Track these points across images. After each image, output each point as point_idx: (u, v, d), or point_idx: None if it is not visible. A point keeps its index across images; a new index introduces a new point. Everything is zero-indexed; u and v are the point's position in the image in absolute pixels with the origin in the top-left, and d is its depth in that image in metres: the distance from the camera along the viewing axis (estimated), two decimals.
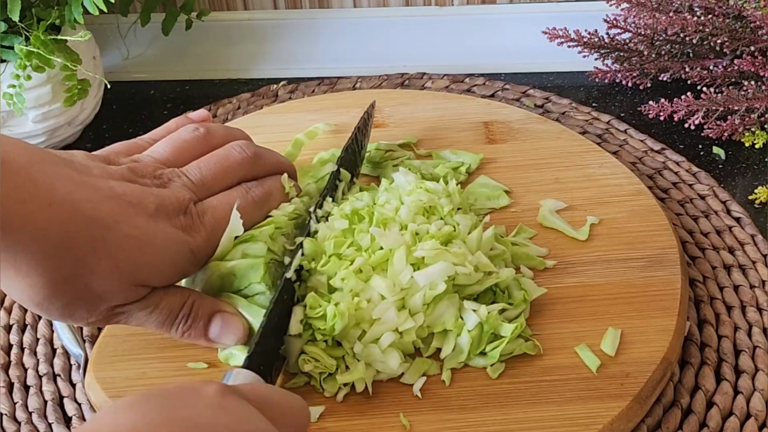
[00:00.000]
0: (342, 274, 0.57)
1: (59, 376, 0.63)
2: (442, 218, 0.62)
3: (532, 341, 0.59)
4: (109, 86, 0.83)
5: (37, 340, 0.66)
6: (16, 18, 0.75)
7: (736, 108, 0.79)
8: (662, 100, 0.81)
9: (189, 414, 0.39)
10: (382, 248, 0.59)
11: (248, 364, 0.53)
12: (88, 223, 0.51)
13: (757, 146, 0.80)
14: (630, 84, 0.87)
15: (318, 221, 0.62)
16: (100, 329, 0.65)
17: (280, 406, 0.44)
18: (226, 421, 0.39)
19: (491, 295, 0.61)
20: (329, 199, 0.63)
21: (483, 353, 0.58)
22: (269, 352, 0.55)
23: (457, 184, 0.66)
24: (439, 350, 0.59)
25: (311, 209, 0.63)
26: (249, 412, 0.41)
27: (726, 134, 0.80)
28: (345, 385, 0.57)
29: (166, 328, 0.57)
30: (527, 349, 0.58)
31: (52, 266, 0.51)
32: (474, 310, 0.58)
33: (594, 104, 0.87)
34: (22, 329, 0.67)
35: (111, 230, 0.52)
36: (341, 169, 0.66)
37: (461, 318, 0.58)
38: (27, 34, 0.77)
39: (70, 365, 0.64)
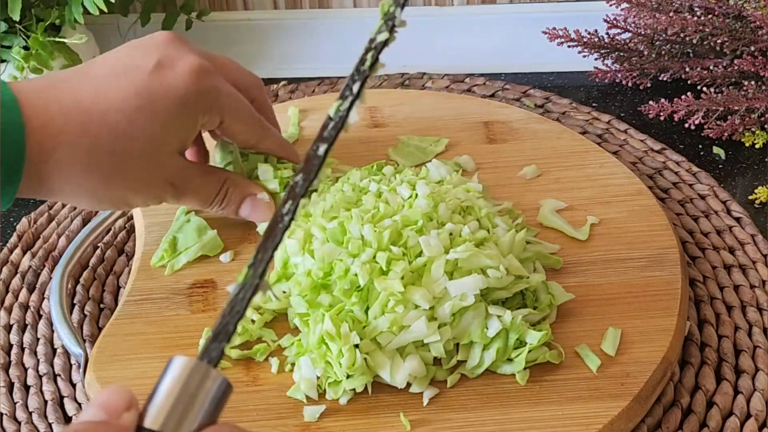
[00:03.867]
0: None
1: (59, 376, 0.63)
2: (477, 219, 0.62)
3: (557, 349, 0.58)
4: None
5: (37, 340, 0.66)
6: (16, 18, 0.75)
7: (736, 108, 0.79)
8: (662, 100, 0.81)
9: None
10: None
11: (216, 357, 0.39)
12: None
13: (757, 146, 0.80)
14: (630, 84, 0.87)
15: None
16: (100, 329, 0.66)
17: None
18: None
19: (520, 299, 0.60)
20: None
21: (508, 359, 0.58)
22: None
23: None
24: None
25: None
26: None
27: (726, 134, 0.80)
28: (351, 389, 0.57)
29: (205, 208, 0.65)
30: (551, 358, 0.58)
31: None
32: (498, 316, 0.58)
33: (594, 104, 0.87)
34: (22, 329, 0.67)
35: None
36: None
37: (487, 328, 0.57)
38: (26, 35, 0.77)
39: (70, 365, 0.64)
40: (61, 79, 0.58)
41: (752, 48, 0.80)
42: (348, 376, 0.56)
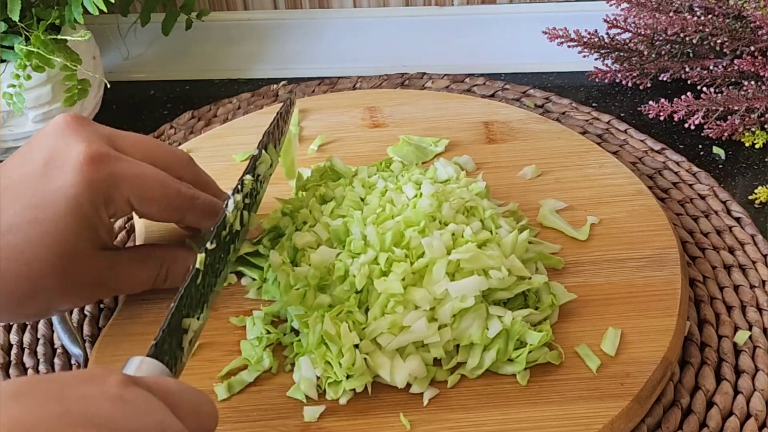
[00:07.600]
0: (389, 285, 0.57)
1: None
2: (481, 220, 0.62)
3: (557, 350, 0.58)
4: (109, 86, 0.83)
5: (37, 340, 0.66)
6: (16, 18, 0.75)
7: (736, 108, 0.79)
8: (662, 100, 0.81)
9: (85, 407, 0.36)
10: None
11: (154, 353, 0.48)
12: None
13: (757, 146, 0.80)
14: (630, 84, 0.87)
15: (235, 201, 0.58)
16: (100, 329, 0.66)
17: (189, 403, 0.41)
18: (126, 415, 0.36)
19: (521, 299, 0.60)
20: (247, 177, 0.59)
21: (509, 360, 0.58)
22: (175, 343, 0.51)
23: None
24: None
25: (230, 191, 0.58)
26: (152, 404, 0.38)
27: (726, 134, 0.80)
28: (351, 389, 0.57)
29: (151, 287, 0.61)
30: (552, 359, 0.58)
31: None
32: (499, 317, 0.58)
33: (594, 104, 0.87)
34: (22, 329, 0.67)
35: None
36: (263, 152, 0.62)
37: (487, 328, 0.57)
38: (27, 33, 0.77)
39: (70, 365, 0.64)
40: None
41: (752, 48, 0.80)
42: (348, 376, 0.56)
